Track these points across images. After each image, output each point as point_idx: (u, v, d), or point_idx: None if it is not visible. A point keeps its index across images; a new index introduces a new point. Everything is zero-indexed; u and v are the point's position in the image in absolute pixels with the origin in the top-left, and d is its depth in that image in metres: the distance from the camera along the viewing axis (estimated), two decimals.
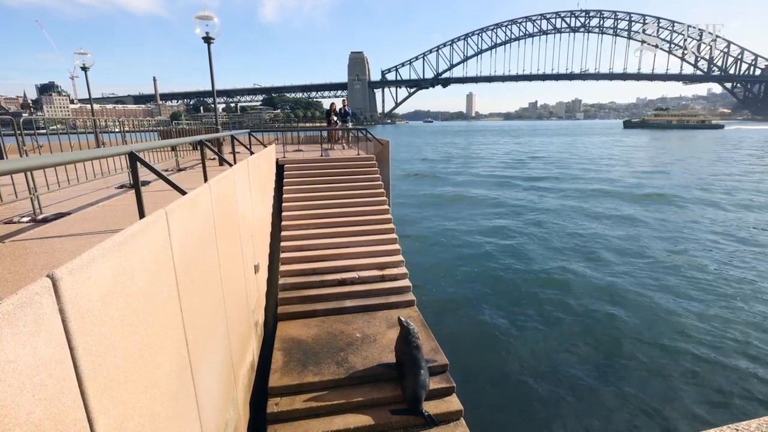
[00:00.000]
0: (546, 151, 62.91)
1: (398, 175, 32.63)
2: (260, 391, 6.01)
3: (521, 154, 59.77)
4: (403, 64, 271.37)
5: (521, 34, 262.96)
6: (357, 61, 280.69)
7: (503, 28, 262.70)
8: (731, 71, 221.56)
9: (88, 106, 14.08)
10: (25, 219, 3.58)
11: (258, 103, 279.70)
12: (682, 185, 30.10)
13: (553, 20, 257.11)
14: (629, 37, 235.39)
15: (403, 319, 6.01)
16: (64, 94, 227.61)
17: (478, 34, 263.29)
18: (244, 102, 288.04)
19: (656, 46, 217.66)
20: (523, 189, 29.58)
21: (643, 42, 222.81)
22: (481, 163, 48.31)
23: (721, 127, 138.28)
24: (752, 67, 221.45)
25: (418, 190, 29.60)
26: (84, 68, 11.58)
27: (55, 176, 4.04)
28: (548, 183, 32.02)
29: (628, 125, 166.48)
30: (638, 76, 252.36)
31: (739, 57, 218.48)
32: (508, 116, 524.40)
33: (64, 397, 1.68)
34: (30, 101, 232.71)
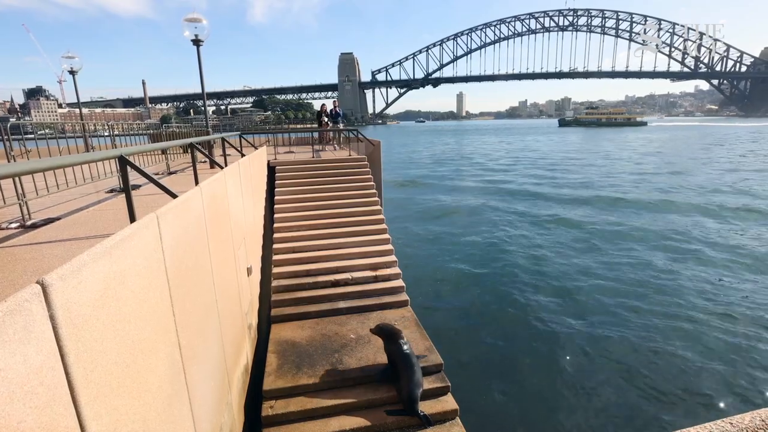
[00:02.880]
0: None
1: (390, 178, 32.68)
2: (255, 394, 5.98)
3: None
4: (393, 65, 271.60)
5: (510, 33, 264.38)
6: (347, 62, 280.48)
7: (492, 28, 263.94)
8: (717, 68, 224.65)
9: (77, 110, 13.93)
10: (13, 225, 3.54)
11: (248, 106, 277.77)
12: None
13: (541, 19, 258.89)
14: (617, 36, 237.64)
15: (372, 327, 6.18)
16: (52, 98, 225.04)
17: (467, 34, 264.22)
18: (235, 104, 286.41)
19: (644, 43, 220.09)
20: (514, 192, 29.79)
21: (630, 40, 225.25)
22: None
23: (645, 124, 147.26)
24: (738, 64, 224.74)
25: (411, 192, 29.64)
26: (72, 72, 11.42)
27: (44, 181, 3.99)
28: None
29: (563, 123, 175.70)
30: (626, 74, 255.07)
31: (725, 54, 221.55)
32: (498, 115, 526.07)
33: (56, 404, 1.66)
34: (17, 106, 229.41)
